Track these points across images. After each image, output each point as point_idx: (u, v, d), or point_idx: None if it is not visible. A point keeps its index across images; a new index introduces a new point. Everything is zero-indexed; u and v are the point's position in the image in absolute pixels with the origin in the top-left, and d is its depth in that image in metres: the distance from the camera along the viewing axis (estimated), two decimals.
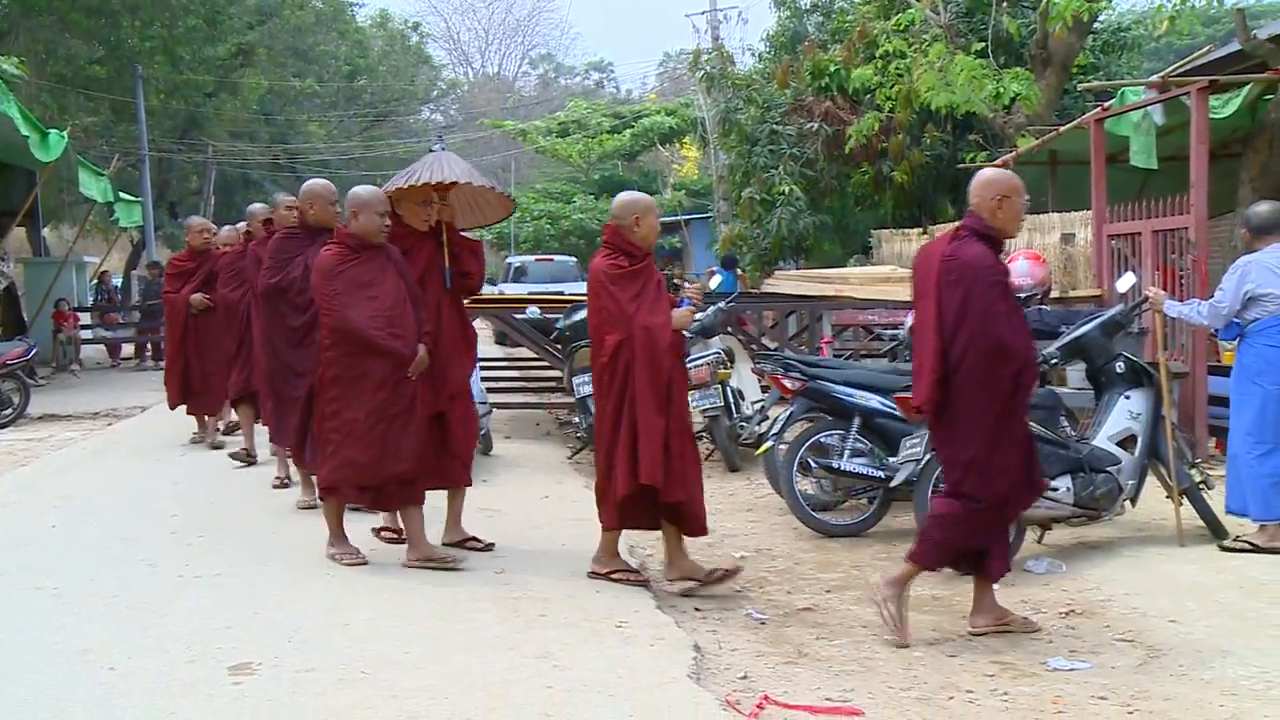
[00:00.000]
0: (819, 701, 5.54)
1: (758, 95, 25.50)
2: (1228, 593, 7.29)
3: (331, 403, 7.48)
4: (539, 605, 6.88)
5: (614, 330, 7.22)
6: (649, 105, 47.53)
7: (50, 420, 15.74)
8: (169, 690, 5.47)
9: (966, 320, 6.38)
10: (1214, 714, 5.49)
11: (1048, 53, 19.41)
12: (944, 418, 6.54)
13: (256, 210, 11.41)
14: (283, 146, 45.74)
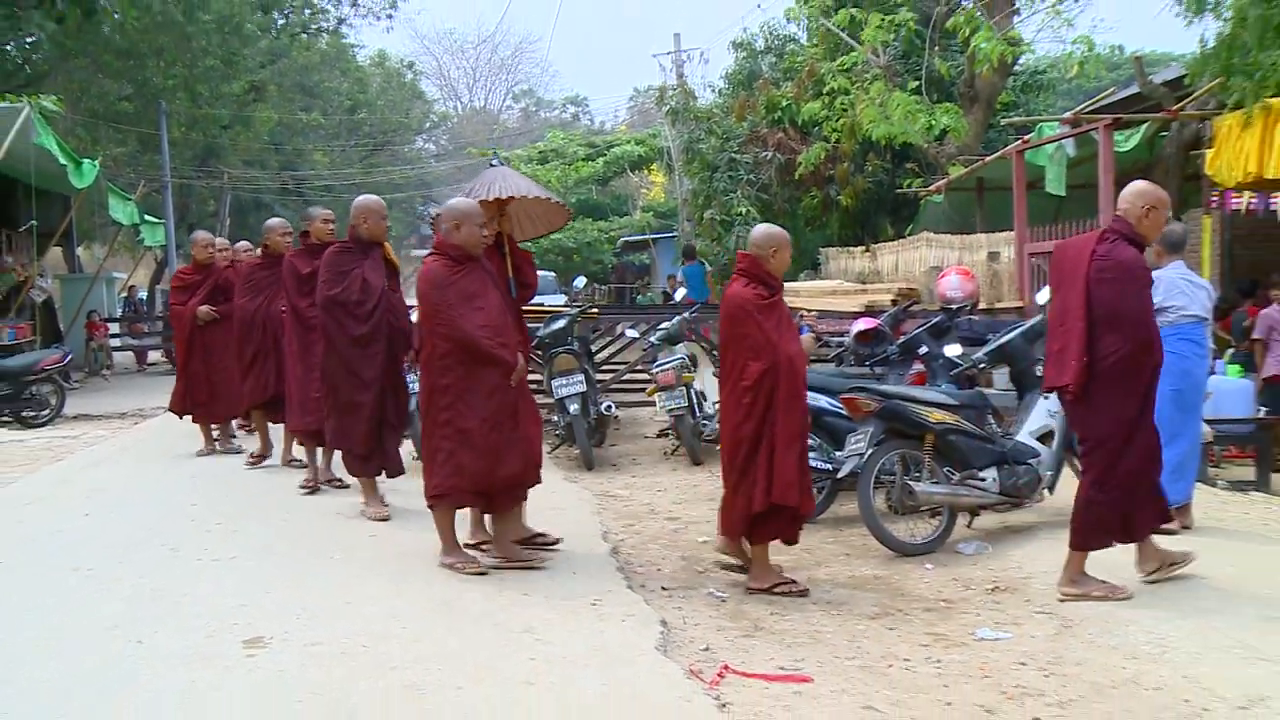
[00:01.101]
0: (773, 670, 5.59)
1: (717, 127, 25.54)
2: (1130, 569, 7.34)
3: (444, 411, 7.01)
4: (522, 585, 6.89)
5: (759, 358, 6.85)
6: (620, 136, 47.43)
7: (83, 420, 15.67)
8: (190, 661, 5.47)
9: (1120, 316, 6.57)
10: (1118, 675, 5.57)
11: (975, 91, 19.54)
12: (1086, 400, 6.66)
13: (274, 225, 11.10)
14: (291, 173, 45.59)
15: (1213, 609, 6.53)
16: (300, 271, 9.44)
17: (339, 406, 8.56)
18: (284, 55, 40.56)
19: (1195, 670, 5.61)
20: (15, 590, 6.83)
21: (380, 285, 8.50)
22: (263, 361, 10.69)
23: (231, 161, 40.40)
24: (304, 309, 9.37)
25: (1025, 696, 5.33)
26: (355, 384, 8.44)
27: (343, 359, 8.46)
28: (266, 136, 41.07)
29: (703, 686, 5.30)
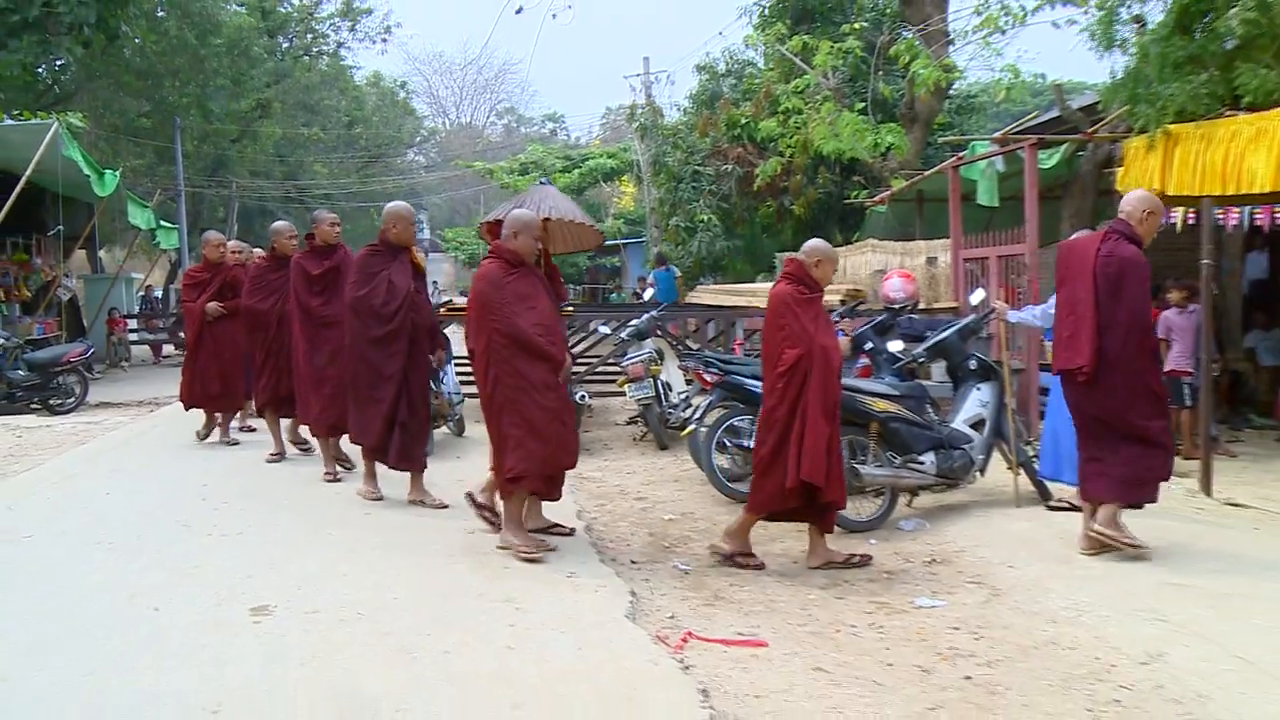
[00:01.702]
0: (732, 635, 5.60)
1: (683, 142, 25.53)
2: (1051, 543, 7.41)
3: (506, 403, 6.82)
4: (503, 559, 6.89)
5: (794, 345, 6.84)
6: (594, 149, 47.31)
7: (105, 407, 15.56)
8: (202, 626, 5.50)
9: (1126, 305, 6.83)
10: (1039, 637, 5.65)
11: (914, 112, 19.57)
12: (1100, 387, 6.89)
13: (281, 228, 10.72)
14: (293, 183, 45.41)
15: (1120, 576, 6.63)
16: (310, 272, 9.26)
17: (358, 400, 8.32)
18: (288, 75, 40.44)
19: (1105, 631, 5.69)
20: (46, 561, 6.82)
21: (406, 287, 8.25)
22: (275, 360, 10.32)
23: (239, 172, 40.27)
24: (315, 307, 9.21)
25: (958, 657, 5.36)
26: (375, 380, 8.21)
27: (364, 356, 8.21)
28: (271, 149, 40.97)
29: (668, 650, 5.31)
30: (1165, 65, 10.57)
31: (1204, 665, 5.21)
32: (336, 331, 8.94)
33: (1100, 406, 7.01)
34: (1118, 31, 11.38)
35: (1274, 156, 9.46)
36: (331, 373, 9.08)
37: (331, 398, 9.07)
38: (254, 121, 37.71)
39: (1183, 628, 5.70)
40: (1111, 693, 4.91)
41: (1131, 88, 10.98)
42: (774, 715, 4.59)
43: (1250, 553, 7.16)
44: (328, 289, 9.26)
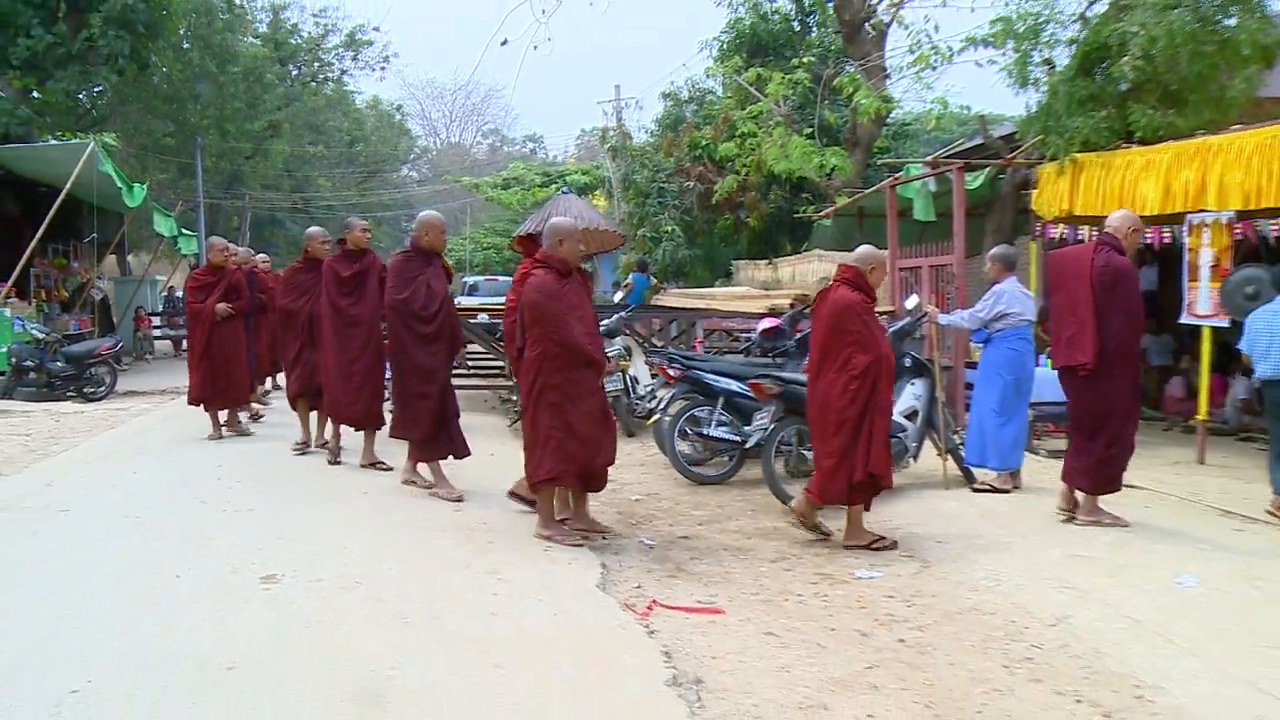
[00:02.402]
0: (692, 603, 5.62)
1: (649, 161, 25.59)
2: (976, 521, 7.46)
3: (550, 406, 6.52)
4: (488, 534, 6.89)
5: (866, 351, 6.70)
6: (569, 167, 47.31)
7: (131, 395, 15.44)
8: (218, 593, 5.49)
9: (1122, 310, 6.97)
10: (963, 604, 5.70)
11: (856, 137, 19.69)
12: (1099, 380, 7.02)
13: (315, 233, 10.29)
14: (300, 195, 45.20)
15: (1033, 549, 6.71)
16: (341, 274, 8.98)
17: (405, 397, 7.98)
18: (297, 99, 40.37)
19: (1020, 598, 5.76)
20: (82, 533, 6.77)
21: (443, 291, 8.07)
22: (307, 356, 9.90)
23: (252, 185, 40.13)
24: (345, 307, 8.91)
25: (893, 622, 5.40)
26: (421, 378, 7.89)
27: (410, 356, 7.90)
28: (281, 165, 40.88)
29: (635, 617, 5.34)
30: (1071, 102, 10.77)
31: (1102, 626, 5.30)
32: (362, 329, 8.85)
33: (1095, 399, 7.12)
34: (1031, 71, 11.54)
35: (1160, 184, 9.66)
36: (359, 367, 8.87)
37: (359, 390, 8.86)
38: (266, 140, 37.64)
39: (1086, 594, 5.78)
40: (1024, 651, 4.97)
41: (1043, 120, 11.13)
42: (729, 674, 4.61)
43: (1142, 528, 7.26)
44: (356, 290, 8.98)
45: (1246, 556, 6.56)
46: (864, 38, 19.34)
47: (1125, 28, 10.09)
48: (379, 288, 8.83)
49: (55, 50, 20.74)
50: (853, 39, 19.57)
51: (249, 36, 36.16)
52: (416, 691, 4.26)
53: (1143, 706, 4.34)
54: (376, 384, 9.02)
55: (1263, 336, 7.55)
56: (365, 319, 8.87)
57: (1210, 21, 10.16)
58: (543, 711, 4.12)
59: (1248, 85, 10.11)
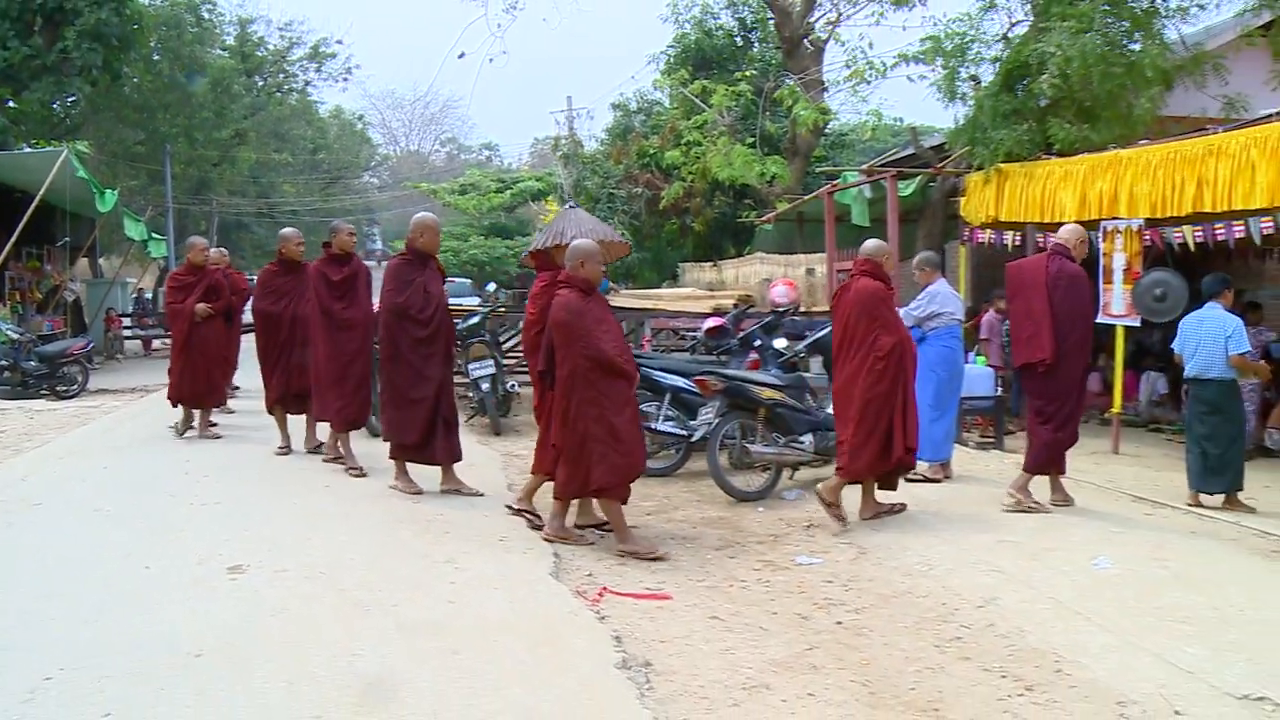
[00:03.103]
0: (641, 590, 5.61)
1: (599, 169, 25.56)
2: (910, 510, 7.51)
3: (594, 420, 6.22)
4: (445, 525, 6.83)
5: (890, 334, 7.00)
6: (523, 174, 47.16)
7: (102, 393, 15.17)
8: (186, 582, 5.44)
9: (1074, 311, 7.28)
10: (898, 587, 5.73)
11: (796, 146, 19.80)
12: (1055, 374, 7.26)
13: (289, 235, 9.85)
14: (265, 200, 44.77)
15: (963, 536, 6.75)
16: (331, 278, 8.56)
17: (398, 401, 7.60)
18: (262, 109, 39.97)
19: (950, 581, 5.79)
20: (53, 525, 6.69)
21: (439, 294, 7.72)
22: (287, 359, 9.42)
23: (219, 191, 39.72)
24: (337, 311, 8.51)
25: (831, 606, 5.41)
26: (417, 381, 7.54)
27: (406, 359, 7.54)
28: (247, 172, 40.46)
29: (586, 603, 5.32)
30: (995, 116, 10.92)
31: (1025, 606, 5.35)
32: (356, 333, 8.54)
33: (1050, 392, 7.35)
34: (958, 87, 11.70)
35: (1077, 193, 9.83)
36: (354, 371, 8.52)
37: (353, 394, 8.51)
38: (232, 148, 37.28)
39: (1011, 576, 5.83)
40: (954, 631, 5.01)
41: (970, 132, 11.25)
42: (677, 657, 4.60)
43: (1063, 514, 7.35)
44: (348, 294, 8.62)
45: (1156, 539, 6.66)
46: (803, 53, 19.44)
47: (1044, 48, 10.23)
48: (368, 291, 8.68)
49: (31, 62, 20.61)
50: (792, 54, 19.68)
51: (217, 49, 35.69)
52: (377, 676, 4.22)
53: (1062, 680, 4.39)
54: (369, 388, 8.73)
55: (1191, 339, 7.83)
56: (359, 322, 8.57)
57: (1118, 45, 10.38)
58: (498, 694, 4.10)
59: (1152, 104, 10.37)
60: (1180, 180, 8.73)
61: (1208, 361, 7.69)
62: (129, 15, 21.51)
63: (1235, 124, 9.13)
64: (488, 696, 4.08)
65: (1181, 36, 11.29)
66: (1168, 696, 4.18)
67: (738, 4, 23.96)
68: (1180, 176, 8.72)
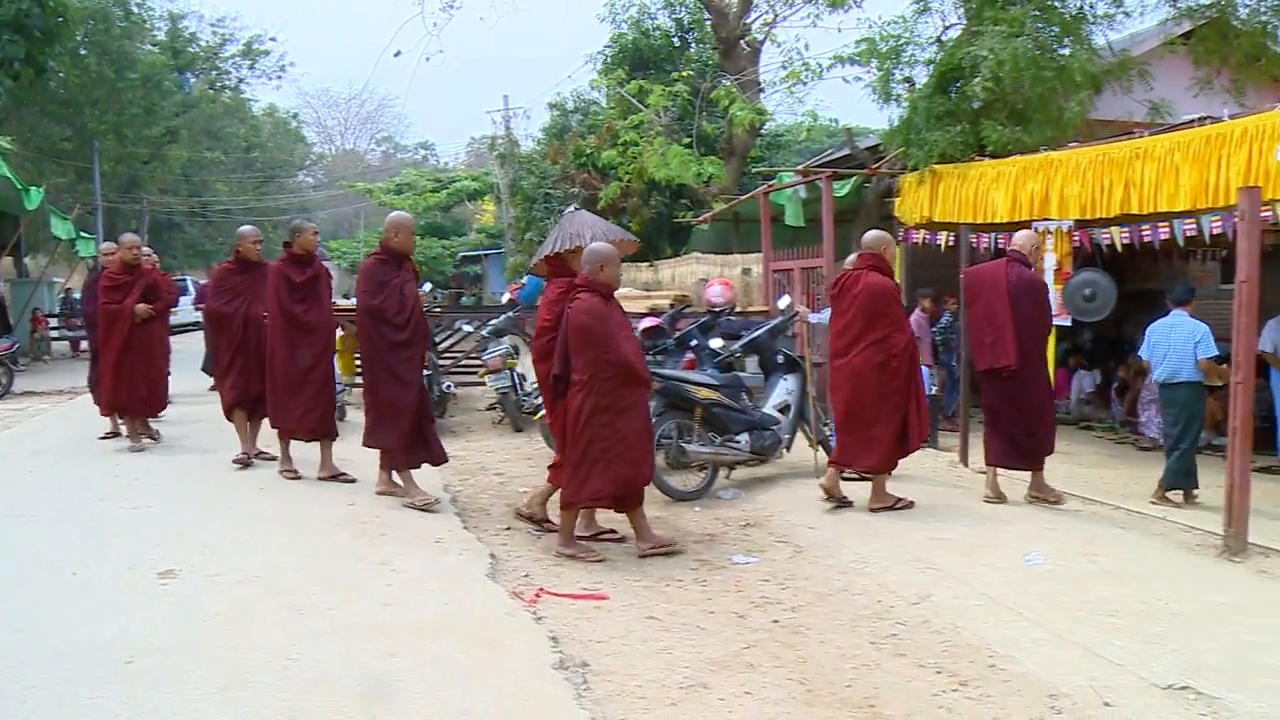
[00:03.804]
0: (578, 590, 5.61)
1: (536, 169, 25.42)
2: (845, 508, 7.58)
3: (603, 427, 6.09)
4: (380, 527, 6.77)
5: (903, 331, 7.34)
6: (460, 173, 46.85)
7: (29, 395, 14.86)
8: (116, 588, 5.33)
9: (1036, 317, 7.56)
10: (834, 585, 5.78)
11: (732, 147, 19.85)
12: (1017, 378, 7.47)
13: (246, 233, 9.26)
14: (197, 199, 44.08)
15: (898, 533, 6.82)
16: (293, 279, 8.18)
17: (380, 406, 7.37)
18: (194, 106, 39.37)
19: (885, 579, 5.86)
20: None
21: (415, 294, 7.47)
22: (242, 362, 8.88)
23: (150, 189, 39.00)
24: (298, 313, 8.14)
25: (768, 604, 5.45)
26: (397, 386, 7.31)
27: (385, 363, 7.32)
28: (179, 170, 39.85)
29: (523, 604, 5.30)
30: (929, 118, 11.05)
31: (959, 602, 5.43)
32: (318, 337, 8.24)
33: (1014, 395, 7.57)
34: (893, 88, 11.82)
35: (1009, 195, 9.98)
36: (315, 376, 8.17)
37: (314, 400, 8.16)
38: (164, 146, 36.69)
39: (945, 573, 5.91)
40: (890, 628, 5.06)
41: (905, 134, 11.38)
42: (614, 657, 4.61)
43: (995, 512, 7.46)
44: (309, 296, 8.24)
45: (1087, 535, 6.78)
46: (739, 54, 19.52)
47: (976, 52, 10.37)
48: (330, 293, 8.43)
49: None
50: (729, 55, 19.75)
51: (147, 44, 34.98)
52: (312, 680, 4.17)
53: (995, 674, 4.46)
54: (331, 394, 8.39)
55: (1160, 346, 8.17)
56: (320, 326, 8.27)
57: (1049, 50, 10.57)
58: (434, 696, 4.07)
59: (1081, 108, 10.58)
60: (1109, 182, 8.90)
61: (1178, 365, 8.03)
62: (52, 7, 20.91)
63: (1160, 128, 9.33)
64: (424, 698, 4.05)
65: (1109, 42, 11.55)
66: (1097, 688, 4.27)
67: (675, 4, 23.96)
68: (1109, 179, 8.90)
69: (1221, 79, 11.43)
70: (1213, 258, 13.20)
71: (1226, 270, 12.20)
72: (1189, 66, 11.65)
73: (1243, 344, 6.39)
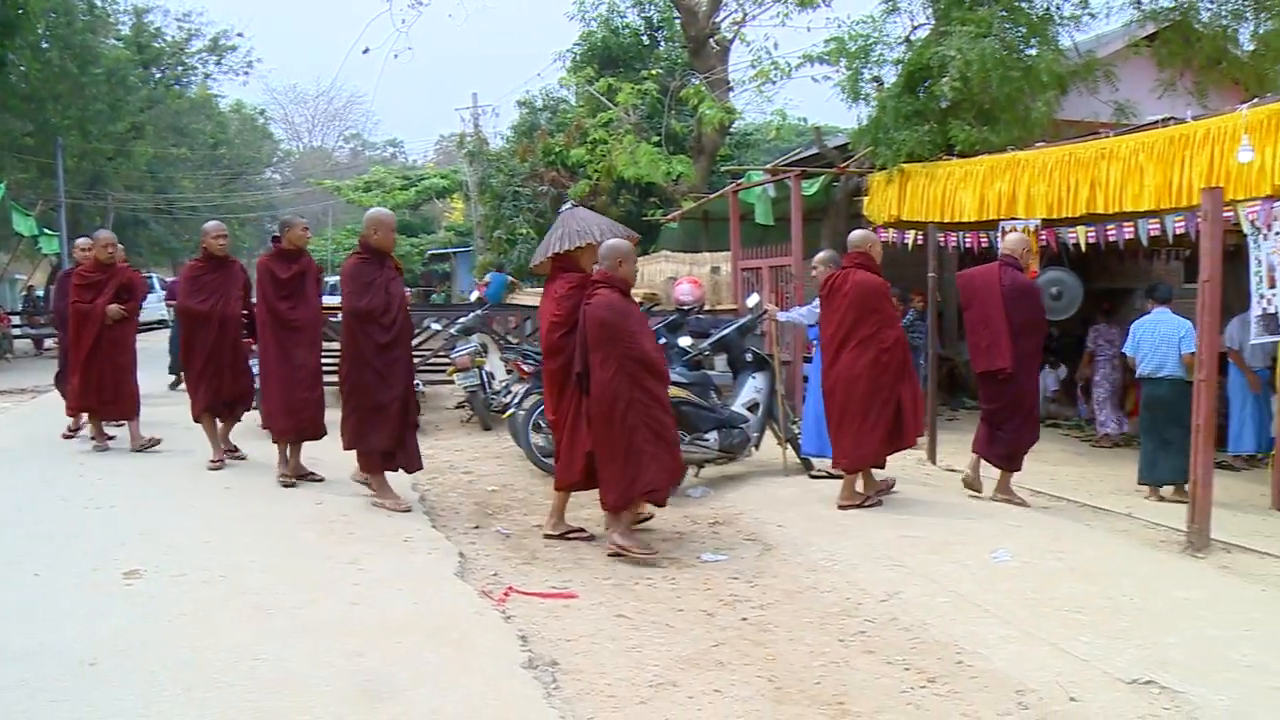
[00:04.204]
0: (547, 589, 5.59)
1: (505, 166, 25.32)
2: (814, 505, 7.60)
3: (639, 422, 6.12)
4: (347, 526, 6.74)
5: (893, 328, 7.45)
6: (428, 171, 46.64)
7: None
8: (80, 589, 5.27)
9: (1029, 320, 7.62)
10: (803, 583, 5.79)
11: (701, 145, 19.89)
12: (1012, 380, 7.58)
13: (211, 228, 8.91)
14: (163, 196, 43.59)
15: (866, 531, 6.84)
16: (279, 276, 7.98)
17: (362, 409, 7.16)
18: (160, 102, 38.93)
19: (854, 576, 5.88)
20: None
21: (401, 294, 7.32)
22: (216, 364, 8.62)
23: (115, 186, 38.51)
24: (283, 311, 7.93)
25: (736, 602, 5.45)
26: (382, 388, 7.13)
27: (370, 365, 7.12)
28: (144, 166, 39.34)
29: (492, 603, 5.28)
30: (898, 117, 11.11)
31: (927, 599, 5.45)
32: (305, 335, 8.02)
33: (1006, 396, 7.67)
34: (862, 88, 11.87)
35: (977, 194, 10.05)
36: (304, 375, 7.98)
37: (307, 399, 7.98)
38: (129, 142, 36.19)
39: (913, 571, 5.94)
40: (858, 626, 5.08)
41: (873, 133, 11.43)
42: (583, 656, 4.60)
43: (963, 509, 7.51)
44: (295, 293, 8.04)
45: (1053, 532, 6.85)
46: (708, 52, 19.55)
47: (944, 52, 10.44)
48: (317, 290, 8.26)
49: None
50: (698, 53, 19.78)
51: (111, 38, 34.57)
52: (279, 681, 4.14)
53: (963, 671, 4.48)
54: (321, 392, 8.20)
55: (1145, 342, 8.42)
56: (307, 323, 8.05)
57: (1016, 50, 10.68)
58: (403, 696, 4.05)
59: (1047, 108, 10.68)
60: (1074, 182, 8.98)
61: (1161, 361, 8.32)
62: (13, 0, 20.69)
63: (1125, 129, 9.42)
64: (392, 699, 4.02)
65: (1075, 43, 11.65)
66: (1063, 684, 4.31)
67: (644, 3, 23.95)
68: (1074, 178, 8.98)
69: (1184, 81, 11.58)
70: (1176, 257, 13.33)
71: (1190, 270, 12.33)
72: (1153, 68, 11.79)
73: (1205, 342, 6.47)
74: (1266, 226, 7.46)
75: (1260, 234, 7.52)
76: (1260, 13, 11.14)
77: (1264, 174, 7.34)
